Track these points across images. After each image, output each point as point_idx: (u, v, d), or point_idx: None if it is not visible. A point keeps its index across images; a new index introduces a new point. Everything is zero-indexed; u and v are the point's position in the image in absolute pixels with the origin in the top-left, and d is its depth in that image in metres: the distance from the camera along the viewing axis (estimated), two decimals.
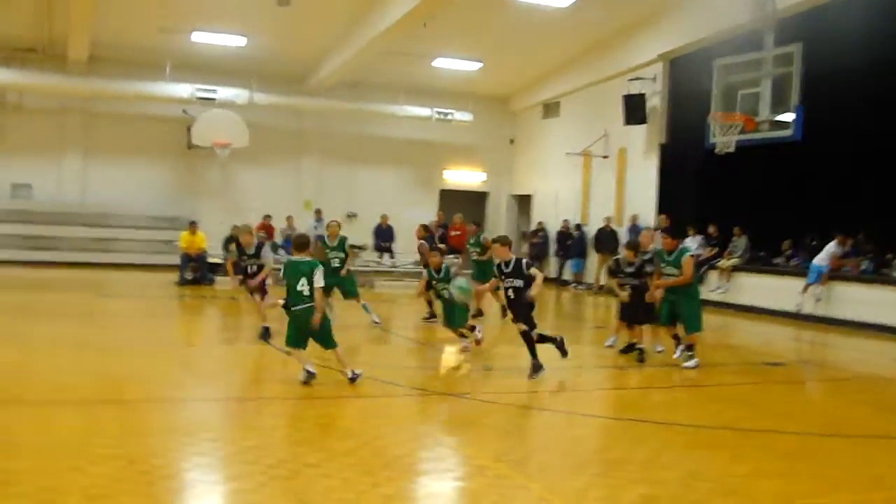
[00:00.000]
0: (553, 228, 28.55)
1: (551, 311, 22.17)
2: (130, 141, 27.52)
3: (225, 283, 21.53)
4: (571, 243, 27.10)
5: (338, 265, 15.35)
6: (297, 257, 9.84)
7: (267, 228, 25.73)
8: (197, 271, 22.53)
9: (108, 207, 26.91)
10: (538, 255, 28.86)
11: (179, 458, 6.87)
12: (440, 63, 27.01)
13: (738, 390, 11.32)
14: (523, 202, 32.01)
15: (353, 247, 16.45)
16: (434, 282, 13.54)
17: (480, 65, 27.18)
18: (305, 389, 9.32)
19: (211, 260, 23.04)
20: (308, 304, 9.55)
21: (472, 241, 18.32)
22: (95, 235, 26.36)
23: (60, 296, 19.30)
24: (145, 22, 23.50)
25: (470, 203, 30.92)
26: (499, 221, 32.44)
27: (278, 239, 25.35)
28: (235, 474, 6.34)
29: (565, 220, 27.60)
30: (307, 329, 9.59)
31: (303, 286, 9.54)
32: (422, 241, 18.69)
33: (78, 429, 7.45)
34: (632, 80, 23.98)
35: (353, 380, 9.63)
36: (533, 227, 29.96)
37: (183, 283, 22.18)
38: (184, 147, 27.49)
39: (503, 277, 10.88)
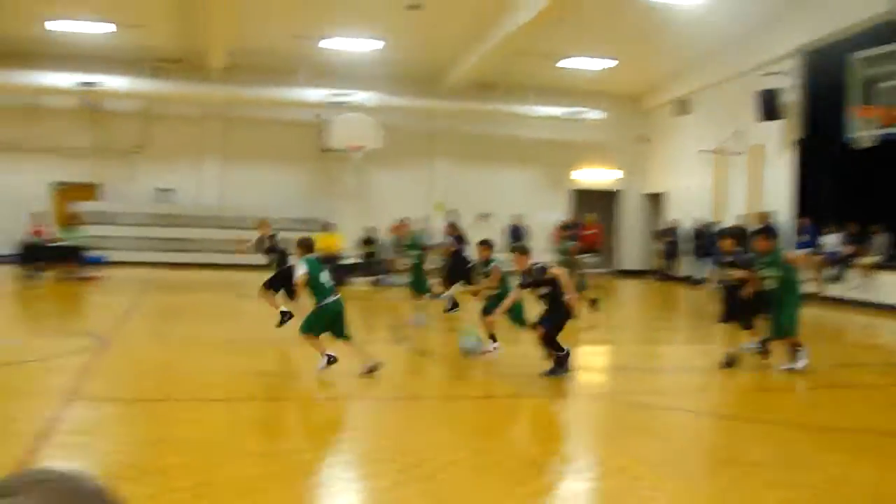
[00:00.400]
0: (686, 227, 28.15)
1: (684, 310, 21.95)
2: (266, 145, 28.34)
3: (361, 285, 22.09)
4: (704, 242, 26.65)
5: (416, 262, 16.05)
6: (308, 256, 10.30)
7: (400, 230, 26.03)
8: (333, 272, 22.97)
9: (246, 210, 27.63)
10: (671, 254, 28.51)
11: (321, 455, 7.07)
12: (572, 62, 26.93)
13: (881, 392, 10.95)
14: (655, 201, 31.66)
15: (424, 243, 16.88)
16: (481, 275, 13.18)
17: (615, 63, 27.02)
18: (444, 389, 9.46)
19: (346, 261, 23.56)
20: (337, 296, 10.05)
21: (559, 247, 17.46)
22: (234, 237, 27.13)
23: (202, 296, 19.97)
24: (281, 30, 24.11)
25: (602, 202, 30.73)
26: (631, 220, 32.22)
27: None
28: (374, 472, 6.45)
29: (698, 219, 27.17)
30: (340, 319, 10.03)
31: (325, 279, 10.03)
32: (451, 239, 18.52)
33: (226, 426, 7.72)
34: (766, 75, 23.49)
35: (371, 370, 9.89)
36: (665, 225, 29.59)
37: None
38: (318, 150, 28.09)
39: (527, 288, 10.45)
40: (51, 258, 22.16)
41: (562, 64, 26.98)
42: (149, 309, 17.53)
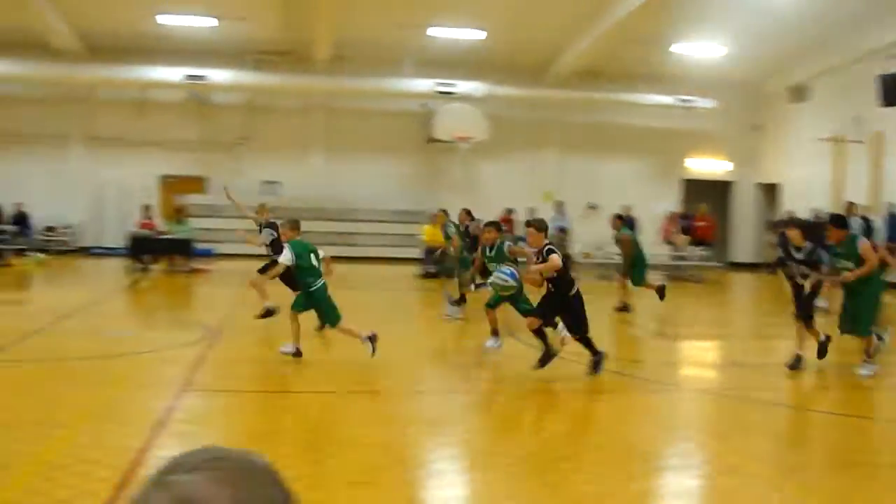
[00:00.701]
0: (802, 218, 27.23)
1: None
2: (371, 136, 28.27)
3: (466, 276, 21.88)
4: (821, 234, 25.67)
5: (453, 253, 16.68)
6: (296, 238, 10.19)
7: (508, 222, 25.74)
8: (440, 264, 22.84)
9: (352, 202, 27.68)
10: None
11: (431, 447, 7.06)
12: (682, 49, 26.27)
13: None
14: (770, 191, 30.73)
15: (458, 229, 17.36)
16: (485, 261, 12.25)
17: (726, 50, 26.28)
18: (551, 384, 9.28)
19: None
20: (322, 281, 10.07)
21: (615, 234, 17.26)
22: (340, 230, 27.12)
23: None
24: (386, 20, 24.05)
25: (714, 193, 29.92)
26: (744, 212, 31.35)
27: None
28: (484, 464, 6.42)
29: (815, 209, 26.27)
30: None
31: (315, 261, 9.98)
32: (473, 223, 18.33)
33: (334, 417, 7.77)
34: (888, 58, 22.53)
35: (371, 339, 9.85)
36: (780, 217, 28.70)
37: (426, 275, 22.50)
38: (423, 141, 27.93)
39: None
40: (159, 251, 22.48)
41: (672, 51, 26.34)
42: (255, 301, 17.51)
